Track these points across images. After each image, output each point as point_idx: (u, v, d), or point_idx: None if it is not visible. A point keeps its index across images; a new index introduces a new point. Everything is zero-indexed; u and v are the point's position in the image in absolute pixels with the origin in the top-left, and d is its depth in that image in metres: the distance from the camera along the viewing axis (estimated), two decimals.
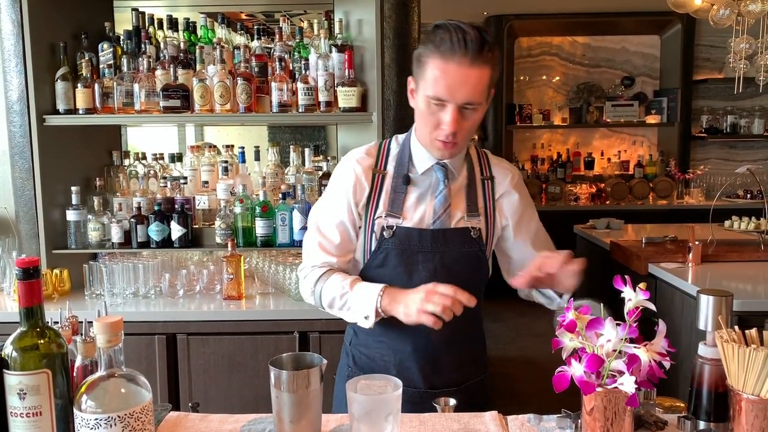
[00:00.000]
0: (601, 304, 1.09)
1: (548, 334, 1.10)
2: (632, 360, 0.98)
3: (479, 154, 1.67)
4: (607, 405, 1.00)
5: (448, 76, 1.39)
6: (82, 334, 1.01)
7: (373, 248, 1.56)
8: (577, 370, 1.01)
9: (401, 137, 1.65)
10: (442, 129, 1.44)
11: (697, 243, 3.05)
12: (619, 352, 1.00)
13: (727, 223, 3.46)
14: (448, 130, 1.43)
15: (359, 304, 1.46)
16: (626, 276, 1.02)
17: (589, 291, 4.74)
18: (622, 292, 1.01)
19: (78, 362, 0.99)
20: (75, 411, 0.89)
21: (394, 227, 1.54)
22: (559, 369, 1.04)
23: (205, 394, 2.48)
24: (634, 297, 0.99)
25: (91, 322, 0.95)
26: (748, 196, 5.95)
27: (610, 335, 0.99)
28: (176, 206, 2.70)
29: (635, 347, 0.99)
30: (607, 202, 6.13)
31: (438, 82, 1.40)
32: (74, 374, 0.99)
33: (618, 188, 6.17)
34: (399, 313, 1.39)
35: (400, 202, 1.55)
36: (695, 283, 2.73)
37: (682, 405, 1.22)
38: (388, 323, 1.49)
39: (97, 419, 0.87)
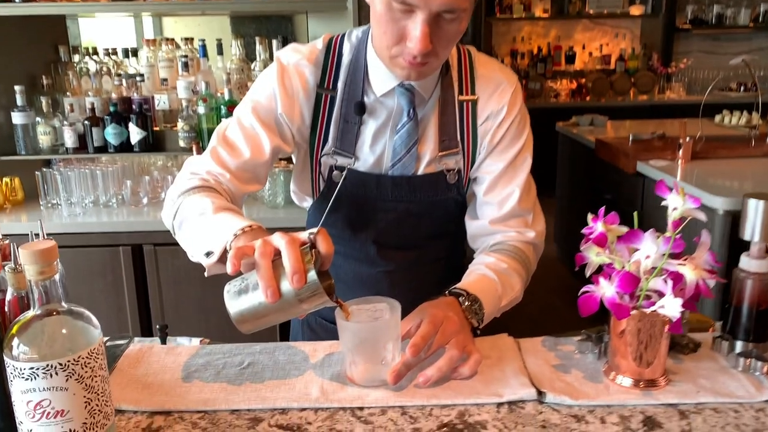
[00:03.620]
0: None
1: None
2: (676, 279, 0.83)
3: (461, 59, 1.22)
4: (641, 328, 0.87)
5: None
6: (12, 261, 0.82)
7: (321, 189, 1.24)
8: (607, 290, 0.86)
9: (357, 35, 1.21)
10: (408, 46, 1.02)
11: (687, 139, 2.92)
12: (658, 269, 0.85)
13: (717, 117, 3.33)
14: (416, 49, 1.00)
15: (210, 233, 1.01)
16: (673, 181, 0.86)
17: (572, 191, 4.60)
18: (665, 199, 0.85)
19: (9, 295, 0.81)
20: (5, 359, 0.72)
21: (345, 170, 1.19)
22: (583, 289, 0.90)
23: (176, 310, 2.35)
24: (680, 206, 0.83)
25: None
26: (742, 89, 5.77)
27: (649, 250, 0.84)
28: (134, 107, 2.49)
29: (679, 264, 0.84)
30: (588, 98, 5.95)
31: None
32: (6, 309, 0.82)
33: (599, 83, 5.98)
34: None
35: (352, 136, 1.18)
36: (685, 181, 2.61)
37: (711, 321, 1.09)
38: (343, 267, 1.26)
39: (33, 368, 0.70)
